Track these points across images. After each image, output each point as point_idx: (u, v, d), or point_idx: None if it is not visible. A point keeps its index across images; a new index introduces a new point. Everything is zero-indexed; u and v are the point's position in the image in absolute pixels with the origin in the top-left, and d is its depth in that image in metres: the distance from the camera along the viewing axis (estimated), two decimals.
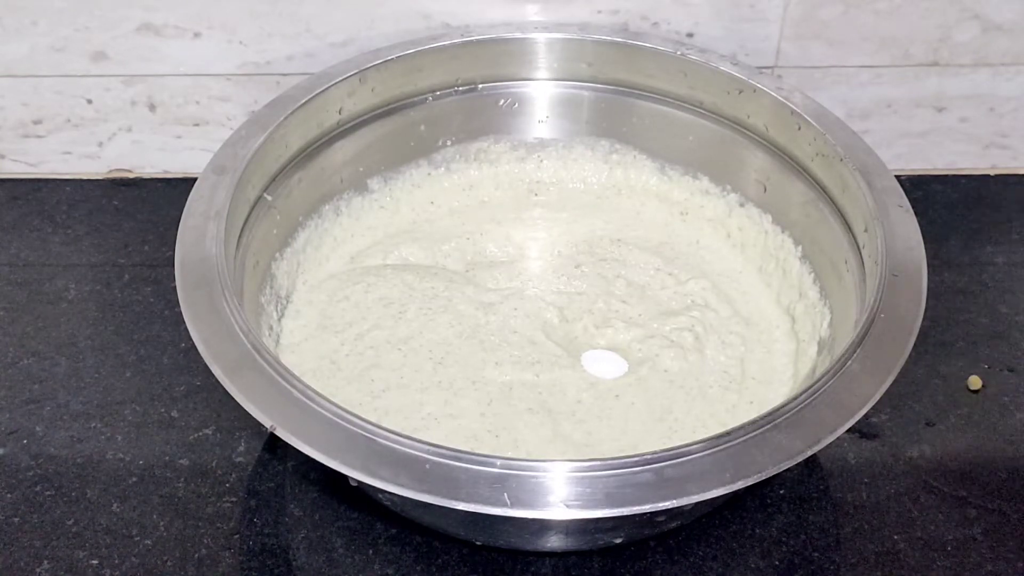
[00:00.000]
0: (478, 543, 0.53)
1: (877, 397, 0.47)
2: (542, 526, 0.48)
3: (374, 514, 0.55)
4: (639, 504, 0.43)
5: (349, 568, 0.53)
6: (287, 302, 0.62)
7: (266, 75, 0.73)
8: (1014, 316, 0.67)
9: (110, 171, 0.78)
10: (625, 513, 0.43)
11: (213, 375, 0.47)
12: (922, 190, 0.77)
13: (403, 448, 0.44)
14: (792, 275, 0.63)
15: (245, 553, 0.54)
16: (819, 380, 0.47)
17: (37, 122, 0.75)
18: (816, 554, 0.54)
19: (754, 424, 0.45)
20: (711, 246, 0.68)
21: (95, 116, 0.75)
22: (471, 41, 0.68)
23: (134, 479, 0.57)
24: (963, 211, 0.75)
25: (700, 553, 0.54)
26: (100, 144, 0.76)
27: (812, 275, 0.62)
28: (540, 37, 0.69)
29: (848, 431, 0.46)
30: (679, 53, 0.67)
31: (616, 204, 0.71)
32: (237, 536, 0.55)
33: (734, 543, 0.55)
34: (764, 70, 0.72)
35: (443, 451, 0.44)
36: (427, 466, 0.43)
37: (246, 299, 0.56)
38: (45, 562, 0.53)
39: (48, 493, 0.57)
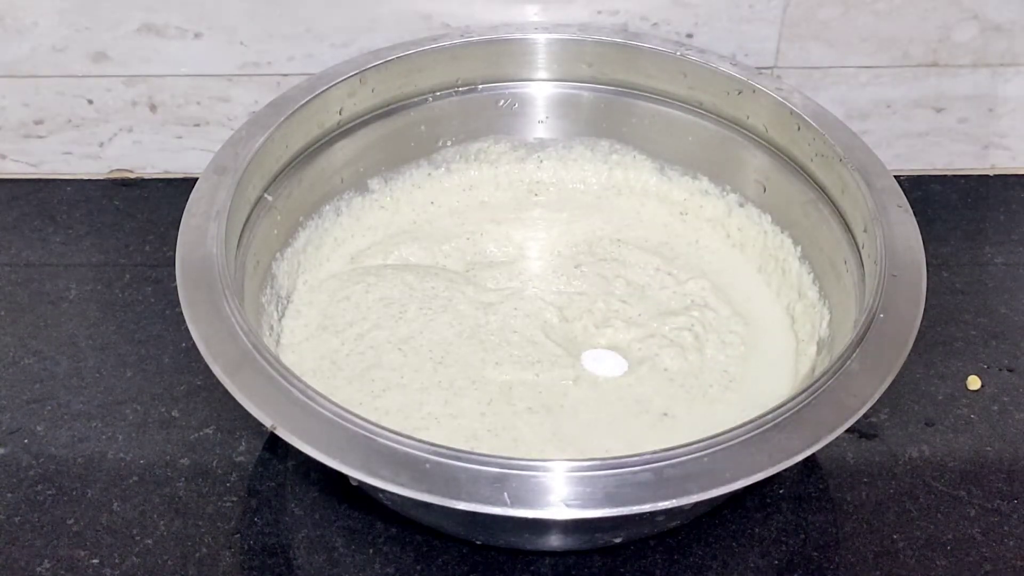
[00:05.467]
0: (478, 543, 0.54)
1: (876, 397, 0.47)
2: (542, 526, 0.48)
3: (374, 514, 0.55)
4: (639, 504, 0.43)
5: (349, 567, 0.53)
6: (287, 302, 0.63)
7: (267, 75, 0.73)
8: (1013, 316, 0.67)
9: (111, 171, 0.78)
10: (625, 513, 0.43)
11: (214, 375, 0.47)
12: (922, 190, 0.77)
13: (403, 448, 0.44)
14: (791, 275, 0.63)
15: (245, 552, 0.54)
16: (818, 380, 0.47)
17: (38, 122, 0.75)
18: (816, 554, 0.54)
19: (754, 424, 0.45)
20: (711, 246, 0.68)
21: (96, 116, 0.75)
22: (471, 41, 0.68)
23: (135, 478, 0.57)
24: (962, 211, 0.75)
25: (700, 553, 0.54)
26: (101, 144, 0.76)
27: (811, 275, 0.62)
28: (540, 38, 0.69)
29: (847, 431, 0.46)
30: (679, 54, 0.67)
31: (616, 204, 0.71)
32: (237, 535, 0.55)
33: (734, 543, 0.55)
34: (764, 71, 0.72)
35: (443, 451, 0.44)
36: (427, 466, 0.43)
37: (247, 299, 0.56)
38: (46, 561, 0.54)
39: (49, 492, 0.57)
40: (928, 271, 0.54)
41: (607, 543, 0.53)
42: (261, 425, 0.45)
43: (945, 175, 0.78)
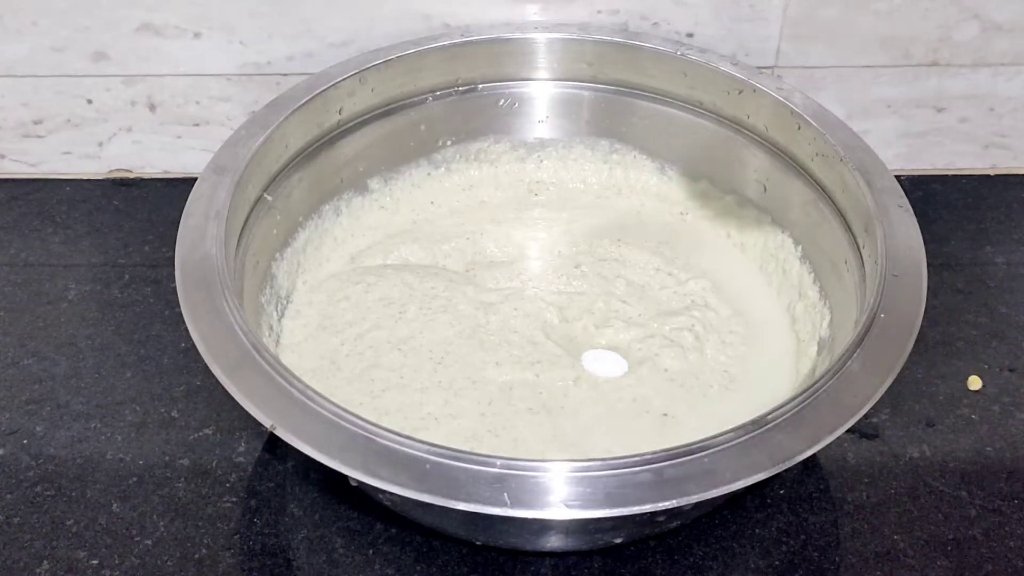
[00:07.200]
0: (478, 543, 0.53)
1: (877, 397, 0.47)
2: (542, 526, 0.48)
3: (374, 514, 0.55)
4: (639, 504, 0.42)
5: (349, 568, 0.53)
6: (287, 302, 0.62)
7: (266, 75, 0.73)
8: (1014, 316, 0.67)
9: (110, 171, 0.78)
10: (625, 513, 0.43)
11: (213, 375, 0.47)
12: (922, 190, 0.77)
13: (403, 448, 0.44)
14: (792, 275, 0.63)
15: (245, 553, 0.54)
16: (819, 380, 0.47)
17: (37, 122, 0.75)
18: (816, 554, 0.54)
19: (754, 424, 0.45)
20: (711, 246, 0.68)
21: (95, 116, 0.75)
22: (471, 41, 0.68)
23: (134, 479, 0.57)
24: (963, 211, 0.75)
25: (700, 553, 0.54)
26: (100, 144, 0.76)
27: (812, 275, 0.62)
28: (540, 37, 0.69)
29: (848, 431, 0.46)
30: (679, 53, 0.67)
31: (616, 204, 0.71)
32: (237, 536, 0.55)
33: (734, 543, 0.55)
34: (764, 70, 0.72)
35: (443, 451, 0.44)
36: (427, 466, 0.43)
37: (246, 299, 0.56)
38: (45, 562, 0.53)
39: (48, 493, 0.57)
40: (929, 271, 0.53)
41: (607, 543, 0.53)
42: (261, 425, 0.45)
43: (946, 175, 0.78)
